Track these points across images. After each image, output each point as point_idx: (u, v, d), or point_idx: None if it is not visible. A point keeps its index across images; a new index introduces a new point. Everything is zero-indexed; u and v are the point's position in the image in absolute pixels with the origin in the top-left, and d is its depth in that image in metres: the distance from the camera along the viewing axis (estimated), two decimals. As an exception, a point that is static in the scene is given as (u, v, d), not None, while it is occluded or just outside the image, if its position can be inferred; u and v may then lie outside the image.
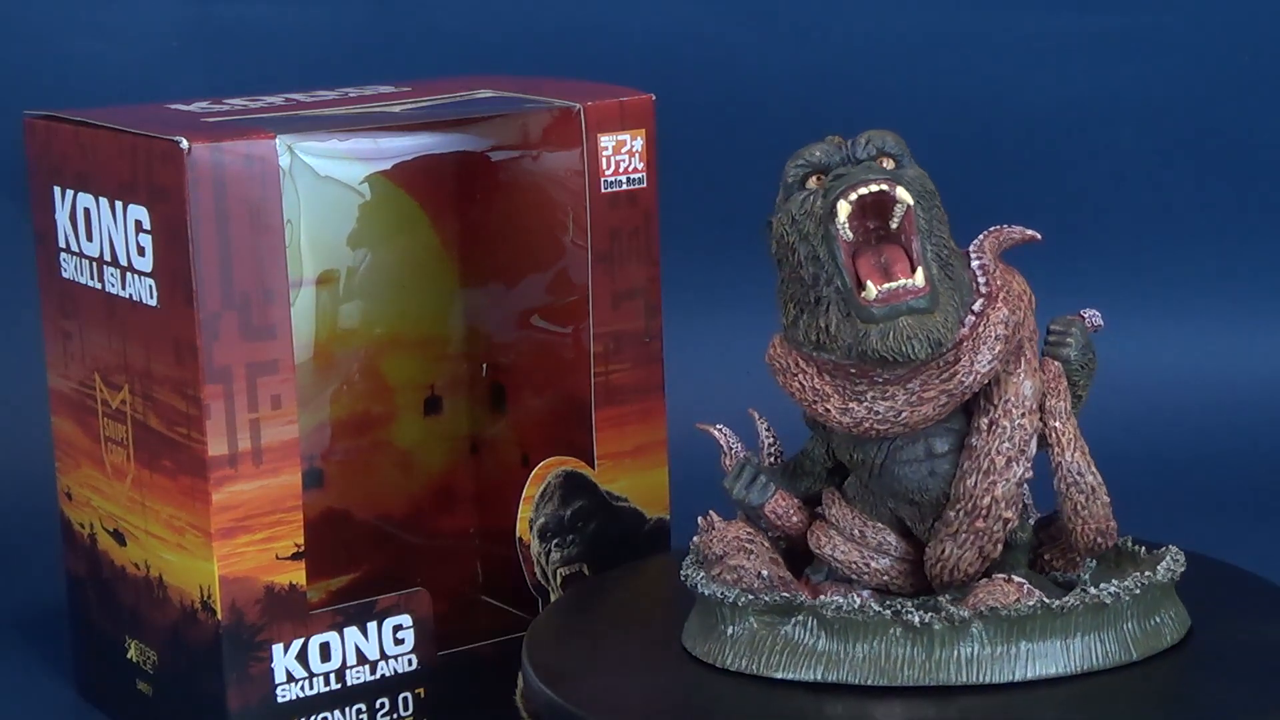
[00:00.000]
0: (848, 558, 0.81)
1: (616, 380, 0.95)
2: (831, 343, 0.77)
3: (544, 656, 0.82)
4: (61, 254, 0.95)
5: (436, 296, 1.03)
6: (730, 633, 0.79)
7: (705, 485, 0.96)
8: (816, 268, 0.77)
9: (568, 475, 0.96)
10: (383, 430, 1.03)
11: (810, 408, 0.79)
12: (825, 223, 0.77)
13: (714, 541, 0.81)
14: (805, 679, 0.77)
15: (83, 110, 0.94)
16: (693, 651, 0.80)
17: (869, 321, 0.76)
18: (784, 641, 0.78)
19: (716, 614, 0.79)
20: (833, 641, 0.77)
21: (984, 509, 0.78)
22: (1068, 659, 0.77)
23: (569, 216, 0.95)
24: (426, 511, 1.05)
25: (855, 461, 0.80)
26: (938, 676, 0.76)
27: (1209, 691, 0.76)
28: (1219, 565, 0.89)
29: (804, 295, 0.78)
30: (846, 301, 0.77)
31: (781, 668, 0.77)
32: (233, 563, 0.87)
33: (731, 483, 0.83)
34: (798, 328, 0.78)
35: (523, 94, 0.98)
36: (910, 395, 0.77)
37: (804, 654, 0.77)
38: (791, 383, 0.79)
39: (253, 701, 0.88)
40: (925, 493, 0.79)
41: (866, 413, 0.77)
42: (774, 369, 0.80)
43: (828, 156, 0.78)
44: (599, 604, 0.89)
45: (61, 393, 0.97)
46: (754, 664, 0.78)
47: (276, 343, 0.87)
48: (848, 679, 0.76)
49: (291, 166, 0.98)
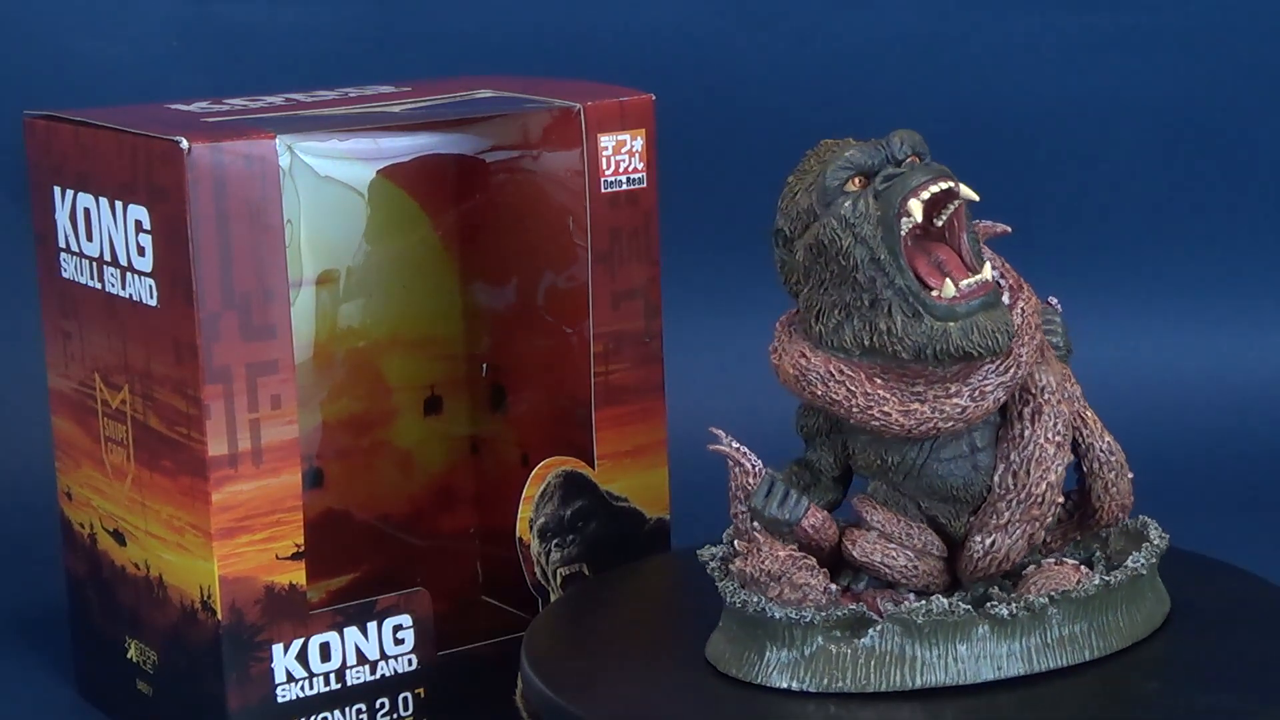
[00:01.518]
0: (897, 562, 0.80)
1: (616, 380, 0.95)
2: (894, 344, 0.76)
3: (543, 656, 0.82)
4: (61, 254, 0.95)
5: (436, 296, 1.03)
6: (802, 653, 0.77)
7: (705, 485, 0.96)
8: (875, 270, 0.76)
9: (568, 475, 0.96)
10: (383, 430, 1.03)
11: (861, 414, 0.77)
12: (889, 224, 0.76)
13: (765, 561, 0.78)
14: (902, 688, 0.76)
15: (83, 110, 0.94)
16: (735, 674, 0.78)
17: (948, 319, 0.76)
18: (865, 653, 0.77)
19: (784, 636, 0.77)
20: (922, 646, 0.77)
21: (1039, 497, 0.79)
22: (1124, 632, 0.79)
23: (569, 216, 0.95)
24: (426, 511, 1.05)
25: (888, 464, 0.79)
26: (1026, 666, 0.77)
27: (1209, 691, 0.76)
28: (1219, 565, 0.89)
29: (855, 300, 0.77)
30: (915, 301, 0.76)
31: (872, 681, 0.76)
32: (233, 563, 0.87)
33: (763, 501, 0.80)
34: (841, 334, 0.77)
35: (523, 94, 0.98)
36: (973, 391, 0.77)
37: (893, 663, 0.77)
38: (833, 392, 0.78)
39: (253, 701, 0.88)
40: (969, 488, 0.79)
41: (931, 412, 0.77)
42: (802, 380, 0.78)
43: (869, 158, 0.78)
44: (599, 604, 0.89)
45: (61, 393, 0.97)
46: (835, 681, 0.77)
47: (276, 343, 0.87)
48: (945, 681, 0.76)
49: (291, 166, 0.98)
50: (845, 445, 0.81)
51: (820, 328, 0.78)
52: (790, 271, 0.80)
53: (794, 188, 0.80)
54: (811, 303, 0.78)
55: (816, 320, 0.78)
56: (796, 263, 0.79)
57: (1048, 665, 0.77)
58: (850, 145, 0.79)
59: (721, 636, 0.80)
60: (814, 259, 0.78)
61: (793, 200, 0.79)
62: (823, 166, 0.78)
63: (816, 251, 0.78)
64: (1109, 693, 0.77)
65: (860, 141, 0.79)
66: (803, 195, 0.79)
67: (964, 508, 0.80)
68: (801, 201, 0.79)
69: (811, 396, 0.78)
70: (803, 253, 0.78)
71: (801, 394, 0.79)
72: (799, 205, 0.79)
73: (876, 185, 0.77)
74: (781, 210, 0.80)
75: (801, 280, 0.79)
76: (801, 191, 0.79)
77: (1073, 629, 0.78)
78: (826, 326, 0.78)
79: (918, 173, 0.77)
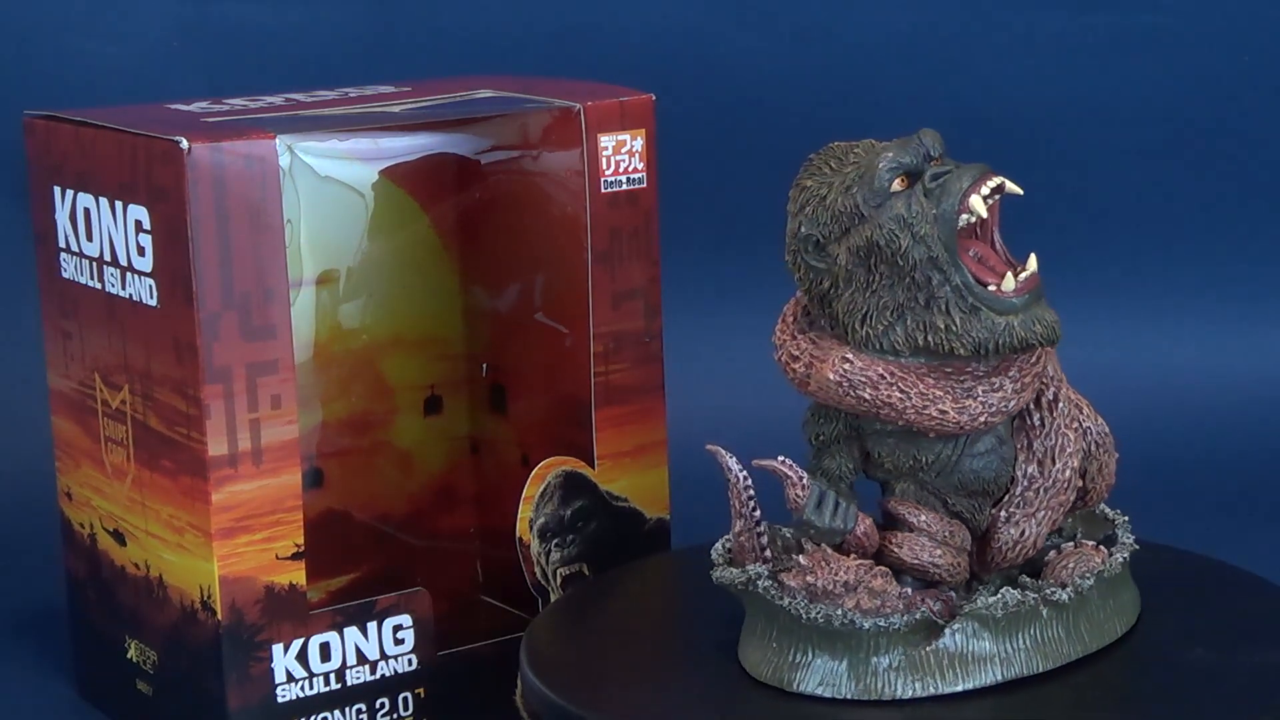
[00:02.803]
0: (944, 561, 0.79)
1: (616, 380, 0.95)
2: (953, 341, 0.76)
3: (543, 656, 0.82)
4: (61, 254, 0.95)
5: (436, 296, 1.03)
6: (884, 663, 0.76)
7: (705, 485, 0.96)
8: (932, 268, 0.76)
9: (568, 475, 0.96)
10: (383, 430, 1.03)
11: (916, 415, 0.77)
12: (947, 221, 0.76)
13: (839, 573, 0.77)
14: (985, 683, 0.77)
15: (83, 110, 0.94)
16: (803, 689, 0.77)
17: (1009, 313, 0.76)
18: (947, 655, 0.76)
19: (869, 645, 0.76)
20: (997, 641, 0.77)
21: (1064, 483, 0.80)
22: (1133, 607, 0.81)
23: (569, 216, 0.95)
24: (426, 511, 1.05)
25: (922, 463, 0.79)
26: (1082, 648, 0.78)
27: (1208, 690, 0.76)
28: (1218, 565, 0.89)
29: (909, 299, 0.77)
30: (972, 297, 0.76)
31: (958, 679, 0.76)
32: (233, 563, 0.87)
33: (815, 513, 0.79)
34: (892, 335, 0.77)
35: (523, 94, 0.98)
36: (1015, 383, 0.78)
37: (974, 661, 0.77)
38: (885, 395, 0.77)
39: (253, 701, 0.88)
40: (997, 480, 0.80)
41: (981, 407, 0.77)
42: (846, 384, 0.77)
43: (911, 157, 0.78)
44: (599, 604, 0.89)
45: (61, 393, 0.97)
46: (920, 685, 0.76)
47: (276, 343, 0.87)
48: (1023, 672, 0.77)
49: (291, 166, 0.98)
50: (864, 450, 0.81)
51: (867, 330, 0.77)
52: (821, 277, 0.78)
53: (817, 191, 0.78)
54: (855, 306, 0.78)
55: (862, 324, 0.78)
56: (835, 268, 0.78)
57: (1099, 644, 0.79)
58: (878, 146, 0.79)
59: (778, 653, 0.78)
60: (860, 261, 0.77)
61: (822, 204, 0.78)
62: (865, 168, 0.78)
63: (865, 253, 0.77)
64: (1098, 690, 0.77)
65: (887, 142, 0.79)
66: (839, 198, 0.78)
67: (987, 501, 0.80)
68: (839, 204, 0.78)
69: (856, 401, 0.78)
70: (846, 256, 0.77)
71: (842, 399, 0.78)
72: (835, 208, 0.78)
73: (926, 184, 0.77)
74: (807, 216, 0.78)
75: (841, 285, 0.78)
76: (835, 194, 0.78)
77: (1105, 608, 0.80)
78: (875, 329, 0.77)
79: (968, 169, 0.77)
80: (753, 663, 0.79)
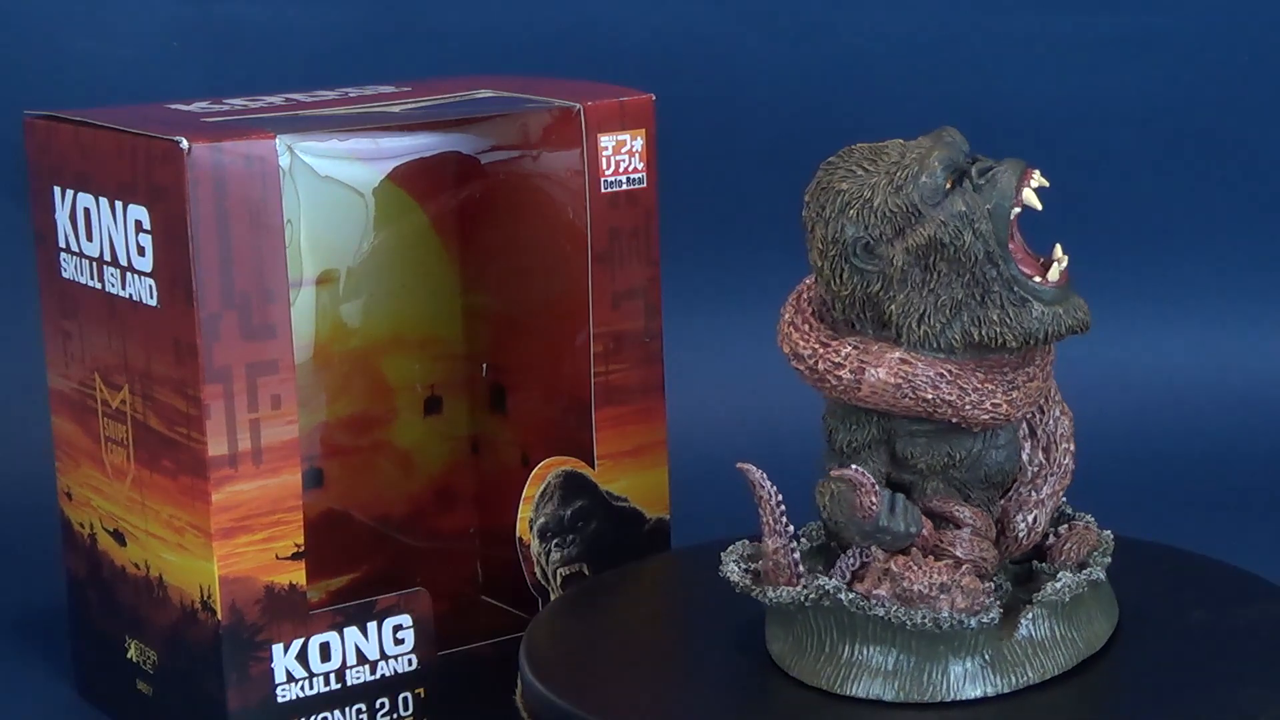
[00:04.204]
0: (990, 555, 0.80)
1: (616, 380, 0.95)
2: (1005, 334, 0.77)
3: (543, 656, 0.82)
4: (61, 254, 0.95)
5: (436, 296, 1.03)
6: (984, 657, 0.77)
7: (705, 485, 0.96)
8: (989, 263, 0.77)
9: (568, 475, 0.96)
10: (383, 430, 1.03)
11: (973, 410, 0.78)
12: (1000, 216, 0.77)
13: (933, 575, 0.77)
14: (1060, 670, 0.78)
15: (83, 110, 0.94)
16: (896, 696, 0.77)
17: (1054, 303, 0.78)
18: (1031, 645, 0.77)
19: (970, 644, 0.76)
20: (1060, 626, 0.78)
21: (1065, 468, 0.82)
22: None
23: (569, 216, 0.95)
24: (426, 511, 1.05)
25: (955, 459, 0.80)
26: (1114, 623, 0.80)
27: (1206, 689, 0.76)
28: (1218, 565, 0.89)
29: (967, 295, 0.77)
30: (1021, 289, 0.77)
31: (1041, 669, 0.77)
32: (233, 563, 0.87)
33: (890, 519, 0.78)
34: (949, 333, 0.77)
35: (523, 94, 0.98)
36: (1042, 371, 0.79)
37: (1051, 647, 0.78)
38: (945, 393, 0.77)
39: (253, 701, 0.88)
40: (1012, 471, 0.81)
41: (1024, 397, 0.79)
42: (906, 386, 0.77)
43: (956, 154, 0.78)
44: (599, 604, 0.89)
45: (61, 393, 0.97)
46: (1021, 677, 0.77)
47: (276, 343, 0.87)
48: (1084, 654, 0.79)
49: (291, 166, 0.98)
50: (891, 452, 0.81)
51: (925, 330, 0.77)
52: (869, 280, 0.78)
53: (858, 194, 0.78)
54: (912, 306, 0.78)
55: (920, 323, 0.77)
56: (889, 269, 0.78)
57: (1119, 617, 0.81)
58: (911, 144, 0.79)
59: (857, 665, 0.78)
60: (917, 260, 0.77)
61: (868, 206, 0.77)
62: (917, 166, 0.77)
63: (925, 252, 0.77)
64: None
65: (918, 140, 0.79)
66: (888, 198, 0.77)
67: (999, 492, 0.81)
68: (890, 204, 0.77)
69: (914, 402, 0.78)
70: (903, 256, 0.77)
71: (899, 401, 0.78)
72: (885, 208, 0.77)
73: (975, 180, 0.78)
74: (850, 219, 0.77)
75: (894, 286, 0.78)
76: (883, 195, 0.77)
77: (1109, 579, 0.81)
78: (933, 328, 0.77)
79: (1009, 164, 0.78)
80: (827, 680, 0.78)
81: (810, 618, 0.78)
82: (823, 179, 0.79)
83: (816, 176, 0.79)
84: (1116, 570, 0.81)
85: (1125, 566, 0.83)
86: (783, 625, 0.80)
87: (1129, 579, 0.84)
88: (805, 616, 0.78)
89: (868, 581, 0.77)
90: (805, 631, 0.78)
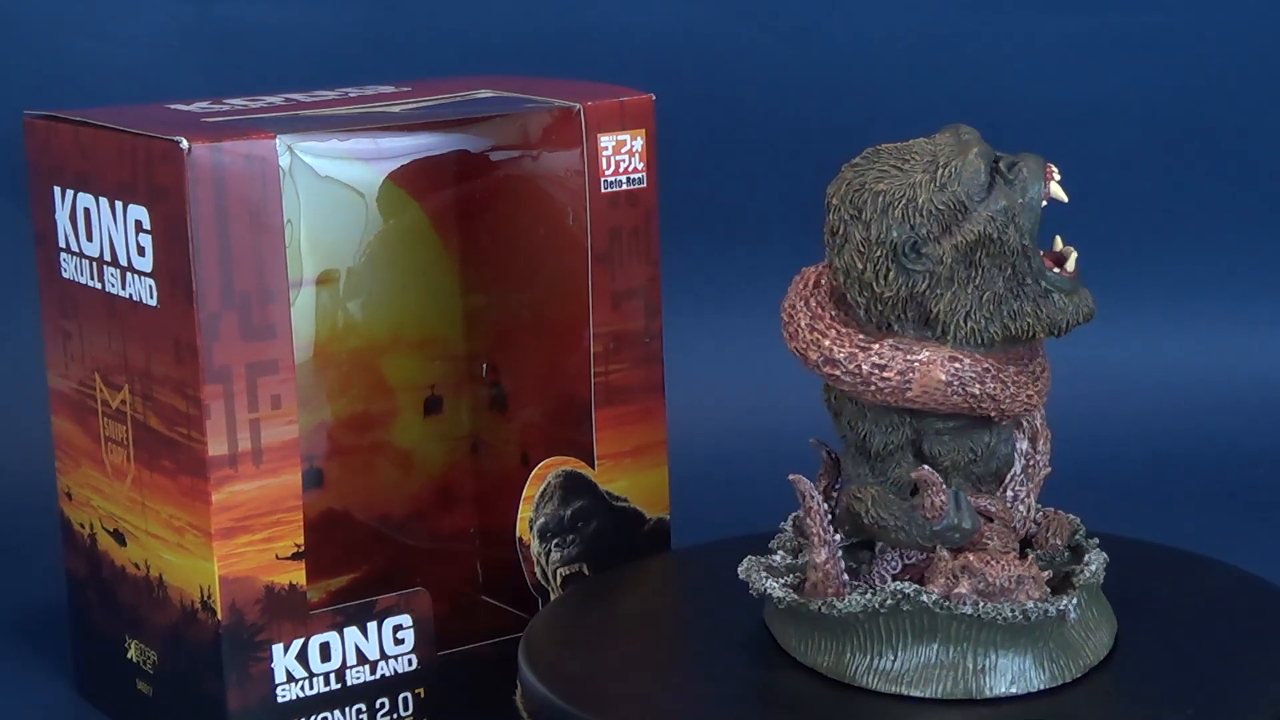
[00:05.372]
0: (1014, 544, 0.81)
1: (616, 380, 0.95)
2: (1036, 325, 0.78)
3: (542, 656, 0.82)
4: (61, 254, 0.95)
5: (436, 296, 1.03)
6: (1054, 642, 0.78)
7: (705, 485, 0.96)
8: (1022, 256, 0.78)
9: (568, 475, 0.96)
10: (383, 430, 1.03)
11: (1010, 403, 0.78)
12: (1033, 209, 0.78)
13: (1010, 567, 0.77)
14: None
15: (83, 110, 0.94)
16: (987, 692, 0.77)
17: (1073, 293, 0.79)
18: (1083, 627, 0.79)
19: (1047, 632, 0.77)
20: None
21: (1047, 457, 0.82)
22: None
23: (569, 216, 0.95)
24: (426, 511, 1.05)
25: (977, 454, 0.80)
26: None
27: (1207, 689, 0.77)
28: (1218, 565, 0.89)
29: (1007, 289, 0.78)
30: (1043, 281, 0.78)
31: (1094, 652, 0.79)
32: (233, 563, 0.87)
33: (958, 515, 0.79)
34: (991, 328, 0.78)
35: (523, 94, 0.98)
36: (1046, 362, 0.80)
37: (1095, 629, 0.79)
38: (990, 388, 0.78)
39: (253, 701, 0.88)
40: (1011, 463, 0.81)
41: (1046, 386, 0.80)
42: (955, 383, 0.78)
43: (988, 149, 0.79)
44: (599, 604, 0.89)
45: (61, 393, 0.97)
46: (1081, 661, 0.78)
47: (276, 343, 0.87)
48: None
49: (291, 166, 0.98)
50: (917, 450, 0.81)
51: (972, 325, 0.78)
52: (916, 280, 0.78)
53: (901, 194, 0.77)
54: (959, 303, 0.78)
55: (966, 319, 0.78)
56: (937, 268, 0.77)
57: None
58: (940, 139, 0.79)
59: (953, 662, 0.78)
60: (963, 257, 0.77)
61: (913, 205, 0.77)
62: (959, 163, 0.77)
63: (972, 248, 0.77)
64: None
65: (942, 136, 0.79)
66: (933, 196, 0.77)
67: (999, 485, 0.82)
68: (935, 202, 0.77)
69: (963, 399, 0.78)
70: (953, 253, 0.77)
71: (948, 399, 0.78)
72: (931, 207, 0.77)
73: (1006, 174, 0.78)
74: (896, 220, 0.77)
75: (942, 284, 0.78)
76: (927, 193, 0.77)
77: None
78: (978, 324, 0.78)
79: (1030, 158, 0.79)
80: (905, 685, 0.77)
81: (881, 624, 0.78)
82: (854, 180, 0.78)
83: (843, 179, 0.79)
84: (1117, 570, 0.82)
85: (1125, 566, 0.83)
86: (836, 635, 0.79)
87: (1129, 579, 0.84)
88: (873, 624, 0.78)
89: (939, 580, 0.77)
90: (871, 639, 0.78)
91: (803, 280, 0.81)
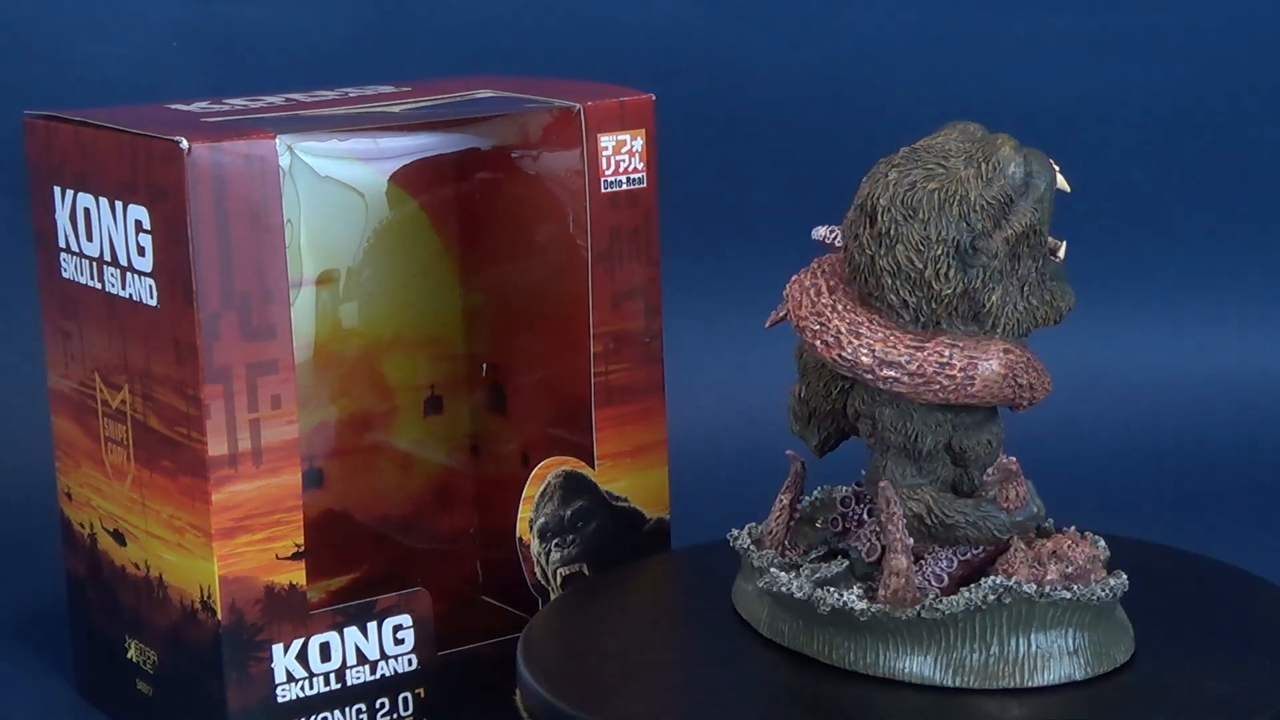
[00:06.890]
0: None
1: (616, 380, 0.95)
2: (1051, 314, 0.79)
3: (542, 656, 0.82)
4: (61, 254, 0.95)
5: (436, 296, 1.03)
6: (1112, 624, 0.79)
7: (705, 485, 0.96)
8: (1043, 245, 0.79)
9: (568, 475, 0.96)
10: (383, 430, 1.03)
11: (1041, 392, 0.79)
12: (1050, 198, 0.79)
13: (1086, 548, 0.79)
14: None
15: (83, 110, 0.94)
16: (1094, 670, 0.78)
17: (1065, 280, 0.80)
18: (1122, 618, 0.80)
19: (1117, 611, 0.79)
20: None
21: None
22: None
23: (569, 216, 0.95)
24: (426, 511, 1.05)
25: (990, 447, 0.80)
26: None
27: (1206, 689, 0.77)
28: (1218, 565, 0.89)
29: (1035, 278, 0.79)
30: (1049, 269, 0.79)
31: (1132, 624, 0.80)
32: (233, 563, 0.87)
33: (1036, 501, 0.80)
34: (1031, 317, 0.79)
35: (523, 94, 0.98)
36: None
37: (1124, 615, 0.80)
38: (1031, 377, 0.79)
39: (253, 701, 0.88)
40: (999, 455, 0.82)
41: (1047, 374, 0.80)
42: (1011, 376, 0.78)
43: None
44: (598, 604, 0.89)
45: (61, 393, 0.97)
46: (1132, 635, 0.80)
47: (276, 343, 0.87)
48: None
49: (291, 166, 0.98)
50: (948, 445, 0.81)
51: (1018, 317, 0.78)
52: (974, 276, 0.78)
53: (954, 191, 0.77)
54: (1008, 296, 0.78)
55: (1014, 311, 0.78)
56: (993, 261, 0.78)
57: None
58: (969, 132, 0.79)
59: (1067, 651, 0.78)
60: (1010, 249, 0.78)
61: (967, 203, 0.77)
62: (997, 157, 0.78)
63: (1018, 240, 0.78)
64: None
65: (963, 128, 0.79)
66: (983, 192, 0.77)
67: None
68: (986, 198, 0.77)
69: (1012, 391, 0.79)
70: (1003, 247, 0.78)
71: (1001, 392, 0.78)
72: (983, 202, 0.77)
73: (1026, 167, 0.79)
74: (953, 218, 0.77)
75: (994, 278, 0.78)
76: (978, 190, 0.77)
77: None
78: (1022, 315, 0.79)
79: (1033, 150, 0.79)
80: (1014, 678, 0.78)
81: (975, 622, 0.77)
82: (898, 180, 0.78)
83: (887, 180, 0.78)
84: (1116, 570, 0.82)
85: (1126, 566, 0.83)
86: (920, 639, 0.78)
87: (1130, 579, 0.84)
88: (970, 622, 0.77)
89: (1023, 571, 0.78)
90: (964, 639, 0.78)
91: (814, 286, 0.80)
